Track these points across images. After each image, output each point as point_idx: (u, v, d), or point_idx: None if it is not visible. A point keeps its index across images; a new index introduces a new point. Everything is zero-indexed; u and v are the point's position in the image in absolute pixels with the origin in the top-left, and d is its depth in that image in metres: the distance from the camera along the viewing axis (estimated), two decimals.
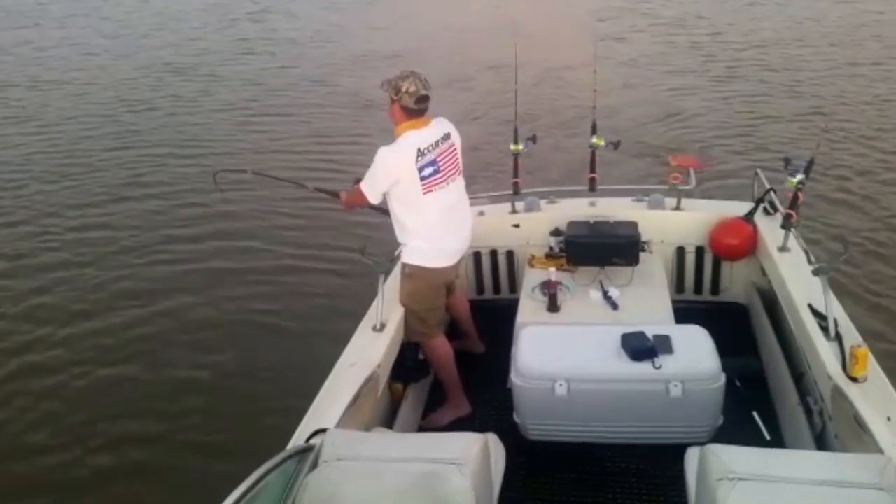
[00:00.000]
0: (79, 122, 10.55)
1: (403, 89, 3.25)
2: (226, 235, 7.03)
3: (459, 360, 3.77)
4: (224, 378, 5.08)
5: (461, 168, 3.54)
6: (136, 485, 4.30)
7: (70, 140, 9.84)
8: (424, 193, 3.35)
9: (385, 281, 3.49)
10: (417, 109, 3.30)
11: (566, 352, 3.09)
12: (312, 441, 2.43)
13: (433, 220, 3.44)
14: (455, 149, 3.48)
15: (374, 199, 3.45)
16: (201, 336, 5.56)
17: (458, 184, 3.53)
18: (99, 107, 11.22)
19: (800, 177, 3.72)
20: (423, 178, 3.32)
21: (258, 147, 9.21)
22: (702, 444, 2.48)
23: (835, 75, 10.56)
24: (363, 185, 3.44)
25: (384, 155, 3.31)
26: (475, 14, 15.11)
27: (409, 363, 3.63)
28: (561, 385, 2.95)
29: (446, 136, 3.43)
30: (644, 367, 2.95)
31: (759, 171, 4.40)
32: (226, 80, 12.22)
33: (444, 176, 3.39)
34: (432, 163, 3.34)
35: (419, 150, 3.30)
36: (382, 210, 3.60)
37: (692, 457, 2.55)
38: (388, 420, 3.47)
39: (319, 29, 15.56)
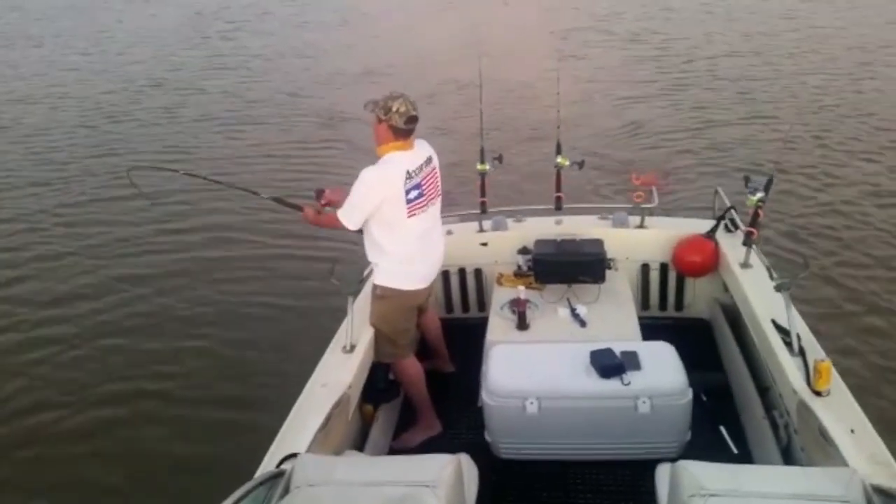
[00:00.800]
0: (60, 132, 10.85)
1: (394, 109, 3.21)
2: (184, 258, 6.94)
3: (430, 380, 3.76)
4: (189, 400, 5.00)
5: (440, 192, 3.52)
6: None
7: (51, 148, 10.18)
8: (408, 217, 3.31)
9: (354, 301, 3.48)
10: (406, 130, 3.27)
11: (536, 369, 3.11)
12: (283, 466, 2.40)
13: (411, 245, 3.41)
14: (436, 172, 3.47)
15: (353, 225, 3.35)
16: (165, 357, 5.47)
17: (436, 207, 3.52)
18: (78, 117, 11.50)
19: (760, 195, 3.80)
20: (408, 202, 3.28)
21: (229, 154, 9.43)
22: (671, 459, 2.51)
23: (791, 91, 10.87)
24: (341, 214, 3.33)
25: (371, 175, 3.24)
26: (441, 36, 15.25)
27: (379, 384, 3.60)
28: (532, 403, 2.97)
29: (429, 160, 3.41)
30: (613, 384, 2.98)
31: (719, 189, 4.49)
32: (203, 93, 12.50)
33: (426, 200, 3.37)
34: (417, 186, 3.31)
35: (408, 171, 3.26)
36: (357, 231, 3.52)
37: (663, 473, 2.58)
38: (359, 442, 3.45)
39: (293, 46, 15.72)
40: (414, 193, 3.30)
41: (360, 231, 3.46)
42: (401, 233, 3.37)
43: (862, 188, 7.69)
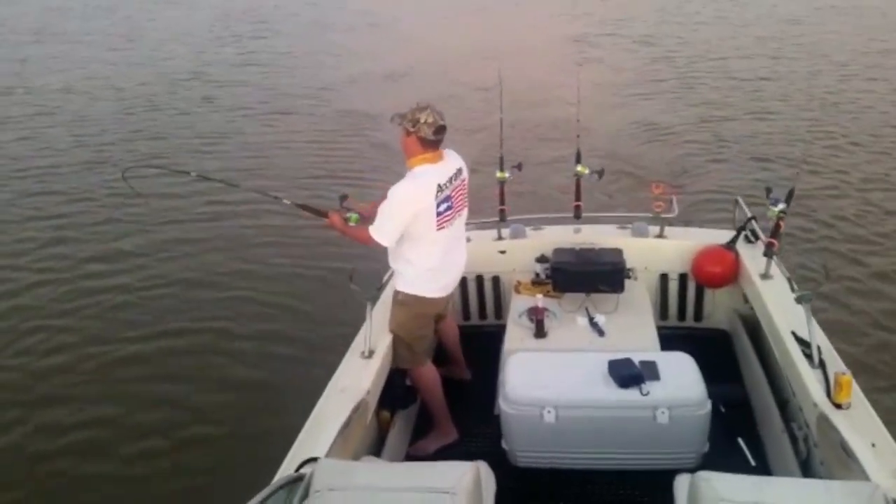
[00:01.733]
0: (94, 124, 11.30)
1: (422, 120, 3.19)
2: (201, 258, 7.01)
3: (446, 387, 3.77)
4: (209, 404, 5.03)
5: (467, 204, 3.51)
6: None
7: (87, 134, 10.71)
8: (438, 230, 3.30)
9: (373, 307, 3.49)
10: (435, 141, 3.24)
11: (554, 378, 3.11)
12: (303, 470, 2.42)
13: (436, 254, 3.40)
14: (465, 184, 3.45)
15: (388, 242, 3.31)
16: (185, 362, 5.51)
17: (462, 218, 3.51)
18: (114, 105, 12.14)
19: (781, 206, 3.79)
20: (438, 215, 3.26)
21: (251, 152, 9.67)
22: (689, 470, 2.50)
23: (814, 104, 10.77)
24: (374, 231, 3.29)
25: (403, 191, 3.22)
26: (460, 41, 15.40)
27: (396, 390, 3.62)
28: (549, 412, 2.97)
29: (459, 172, 3.39)
30: (631, 394, 2.97)
31: (739, 199, 4.48)
32: (228, 89, 13.01)
33: (454, 212, 3.36)
34: (447, 199, 3.29)
35: (439, 185, 3.24)
36: None
37: (682, 484, 2.57)
38: (376, 448, 3.46)
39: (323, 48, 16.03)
40: (444, 206, 3.28)
41: None
42: (428, 245, 3.36)
43: (885, 196, 7.66)
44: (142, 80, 13.67)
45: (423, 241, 3.35)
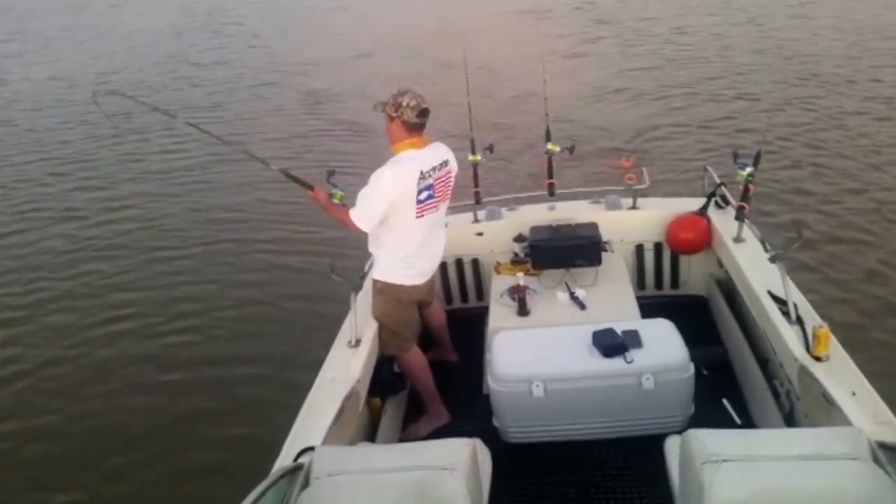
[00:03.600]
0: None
1: (404, 104, 3.22)
2: (186, 253, 7.00)
3: (434, 370, 3.80)
4: (195, 399, 5.04)
5: (449, 196, 3.53)
6: None
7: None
8: (417, 217, 3.32)
9: (356, 296, 3.51)
10: (419, 123, 3.27)
11: (540, 353, 3.15)
12: (301, 459, 2.44)
13: (413, 242, 3.42)
14: (450, 177, 3.46)
15: (368, 227, 3.34)
16: (170, 354, 5.51)
17: (443, 208, 3.54)
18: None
19: (749, 169, 3.85)
20: (418, 202, 3.29)
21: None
22: (678, 432, 2.57)
23: (772, 67, 10.92)
24: (354, 215, 3.32)
25: (385, 174, 3.22)
26: (423, 24, 15.37)
27: (385, 377, 3.65)
28: (538, 386, 3.02)
29: (444, 163, 3.41)
30: (616, 363, 3.03)
31: (707, 166, 4.55)
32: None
33: (436, 202, 3.38)
34: (430, 187, 3.32)
35: (422, 172, 3.26)
36: None
37: (672, 444, 2.63)
38: (370, 435, 3.49)
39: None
40: (425, 195, 3.31)
41: None
42: (406, 232, 3.39)
43: (851, 152, 7.85)
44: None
45: (402, 228, 3.37)
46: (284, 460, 2.61)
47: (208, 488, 4.09)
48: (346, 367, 3.26)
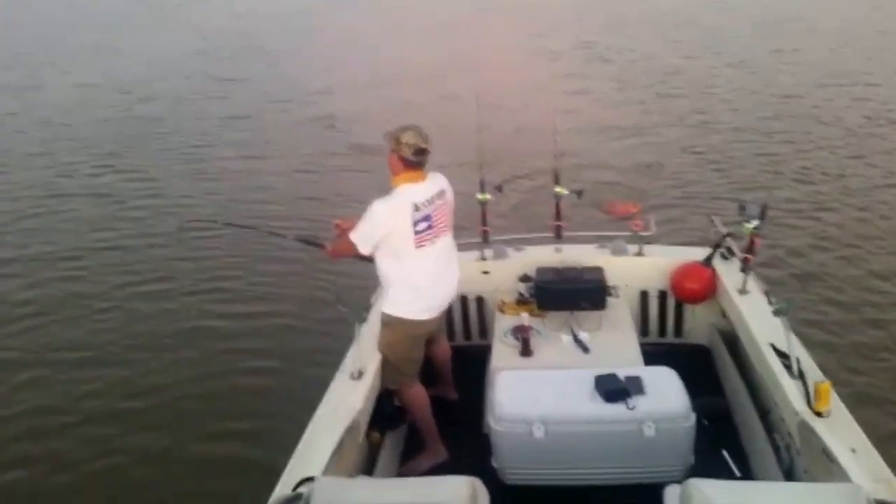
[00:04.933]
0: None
1: (403, 141, 3.32)
2: (196, 284, 7.00)
3: (434, 407, 3.80)
4: (198, 426, 5.02)
5: (452, 225, 3.60)
6: None
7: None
8: (416, 248, 3.39)
9: (361, 327, 3.53)
10: (415, 162, 3.36)
11: (542, 395, 3.15)
12: (300, 489, 2.44)
13: (420, 274, 3.48)
14: (448, 205, 3.54)
15: (365, 250, 3.45)
16: (171, 386, 5.48)
17: (447, 240, 3.59)
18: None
19: (755, 222, 3.89)
20: (416, 233, 3.37)
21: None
22: (677, 482, 2.56)
23: (788, 123, 11.10)
24: (354, 236, 3.43)
25: (380, 208, 3.35)
26: (439, 59, 15.80)
27: (386, 410, 3.65)
28: (539, 428, 3.01)
29: (441, 193, 3.49)
30: (618, 409, 3.03)
31: (714, 217, 4.59)
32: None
33: (436, 231, 3.44)
34: (426, 218, 3.39)
35: (415, 204, 3.35)
36: (368, 259, 3.59)
37: (672, 494, 2.62)
38: (368, 468, 3.47)
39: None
40: (422, 225, 3.38)
41: (371, 259, 3.54)
42: (409, 263, 3.45)
43: (856, 208, 7.92)
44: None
45: (403, 259, 3.44)
46: (283, 489, 2.60)
47: None
48: (347, 398, 3.27)
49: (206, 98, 14.10)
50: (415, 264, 3.45)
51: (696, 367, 4.14)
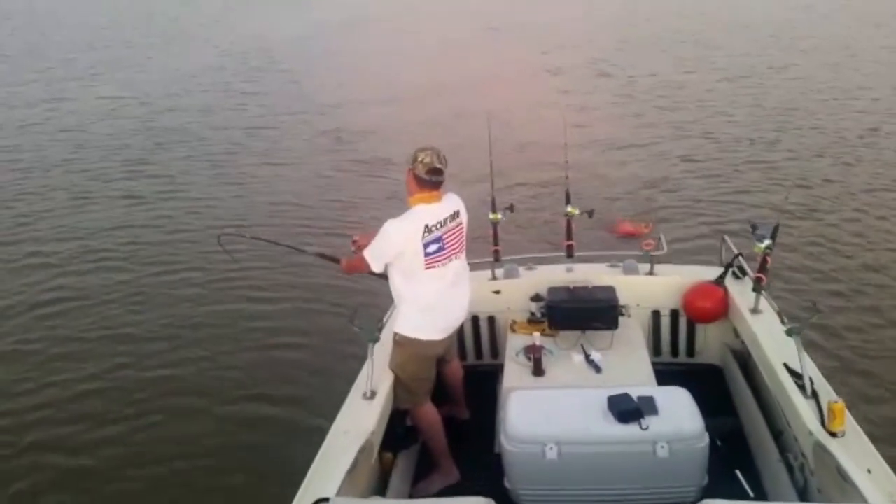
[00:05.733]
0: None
1: (419, 159, 3.37)
2: (211, 301, 7.07)
3: (446, 427, 3.80)
4: (212, 442, 5.03)
5: (464, 246, 3.62)
6: None
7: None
8: (426, 269, 3.42)
9: (374, 347, 3.55)
10: (429, 181, 3.39)
11: (554, 415, 3.14)
12: None
13: (431, 295, 3.51)
14: (462, 227, 3.56)
15: (376, 268, 3.49)
16: (185, 401, 5.51)
17: (460, 261, 3.61)
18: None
19: (767, 242, 3.89)
20: (427, 255, 3.39)
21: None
22: (691, 503, 2.55)
23: (798, 142, 11.10)
24: (367, 254, 3.47)
25: (392, 228, 3.38)
26: (447, 80, 15.99)
27: (398, 430, 3.65)
28: (551, 448, 3.00)
29: (455, 215, 3.51)
30: (631, 429, 3.02)
31: (725, 236, 4.59)
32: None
33: (447, 253, 3.47)
34: (438, 240, 3.41)
35: (427, 226, 3.38)
36: (381, 276, 3.64)
37: None
38: (380, 489, 3.47)
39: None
40: (433, 247, 3.40)
41: (385, 276, 3.58)
42: (419, 283, 3.47)
43: (868, 227, 7.93)
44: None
45: (414, 280, 3.47)
46: None
47: None
48: (360, 419, 3.28)
49: (229, 109, 15.00)
50: (425, 285, 3.48)
51: (708, 387, 4.13)
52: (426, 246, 3.38)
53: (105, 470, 4.83)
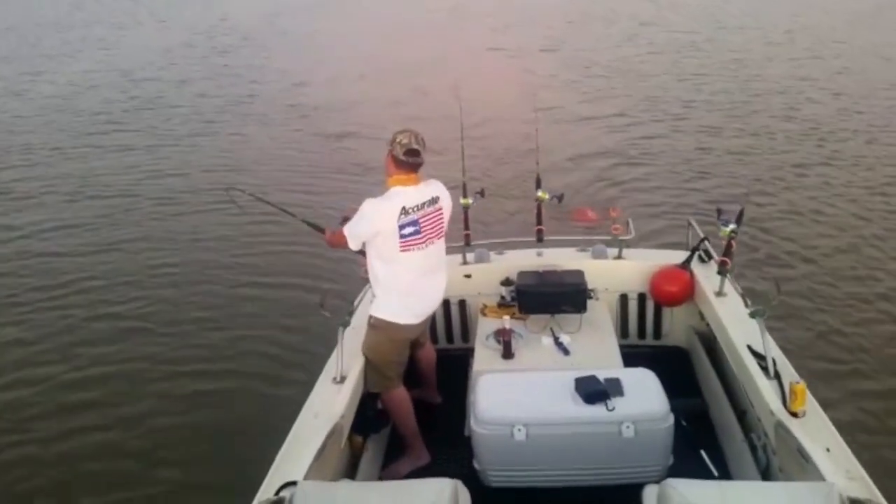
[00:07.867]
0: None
1: (397, 140, 3.37)
2: (184, 281, 7.06)
3: (417, 410, 3.82)
4: (179, 426, 5.02)
5: (444, 232, 3.61)
6: None
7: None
8: (401, 251, 3.41)
9: (344, 332, 3.55)
10: (406, 162, 3.38)
11: (523, 397, 3.19)
12: (282, 494, 2.45)
13: (406, 279, 3.51)
14: (441, 213, 3.55)
15: (353, 245, 3.50)
16: (156, 385, 5.48)
17: (438, 247, 3.61)
18: None
19: (732, 226, 3.97)
20: (402, 237, 3.38)
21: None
22: (655, 482, 2.61)
23: (764, 125, 11.24)
24: (346, 230, 3.48)
25: (369, 207, 3.39)
26: (420, 65, 15.89)
27: (368, 414, 3.66)
28: (520, 430, 3.04)
29: (434, 200, 3.50)
30: (598, 410, 3.07)
31: (692, 220, 4.65)
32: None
33: (423, 237, 3.46)
34: (414, 223, 3.40)
35: (404, 208, 3.37)
36: (360, 253, 3.64)
37: (650, 494, 2.66)
38: (349, 472, 3.49)
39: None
40: (409, 230, 3.39)
41: (363, 253, 3.58)
42: (395, 266, 3.47)
43: (835, 209, 8.07)
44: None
45: (389, 262, 3.47)
46: (265, 494, 2.61)
47: None
48: (330, 403, 3.29)
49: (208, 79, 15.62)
50: (401, 268, 3.48)
51: (674, 368, 4.20)
52: (401, 227, 3.38)
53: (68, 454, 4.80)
